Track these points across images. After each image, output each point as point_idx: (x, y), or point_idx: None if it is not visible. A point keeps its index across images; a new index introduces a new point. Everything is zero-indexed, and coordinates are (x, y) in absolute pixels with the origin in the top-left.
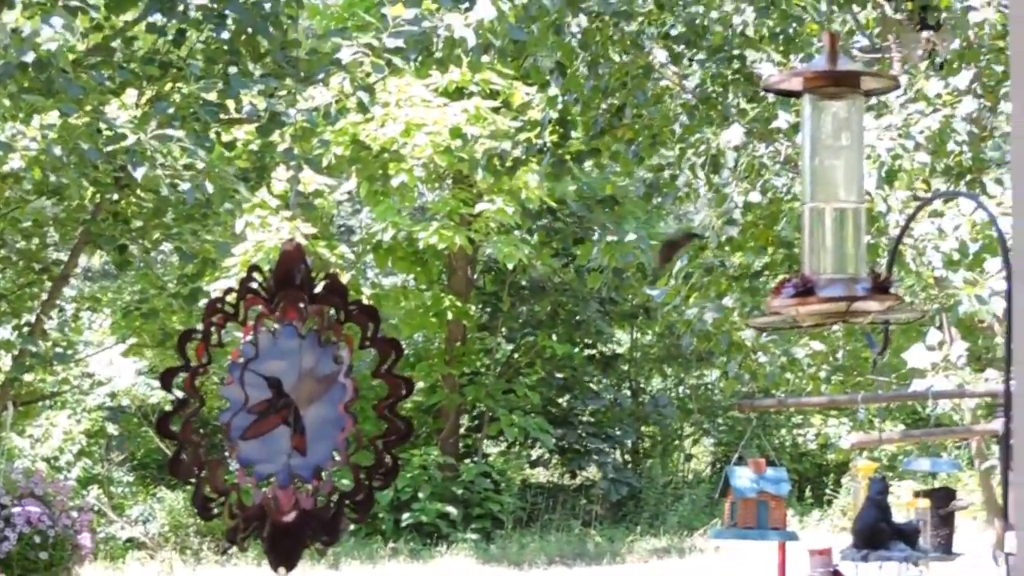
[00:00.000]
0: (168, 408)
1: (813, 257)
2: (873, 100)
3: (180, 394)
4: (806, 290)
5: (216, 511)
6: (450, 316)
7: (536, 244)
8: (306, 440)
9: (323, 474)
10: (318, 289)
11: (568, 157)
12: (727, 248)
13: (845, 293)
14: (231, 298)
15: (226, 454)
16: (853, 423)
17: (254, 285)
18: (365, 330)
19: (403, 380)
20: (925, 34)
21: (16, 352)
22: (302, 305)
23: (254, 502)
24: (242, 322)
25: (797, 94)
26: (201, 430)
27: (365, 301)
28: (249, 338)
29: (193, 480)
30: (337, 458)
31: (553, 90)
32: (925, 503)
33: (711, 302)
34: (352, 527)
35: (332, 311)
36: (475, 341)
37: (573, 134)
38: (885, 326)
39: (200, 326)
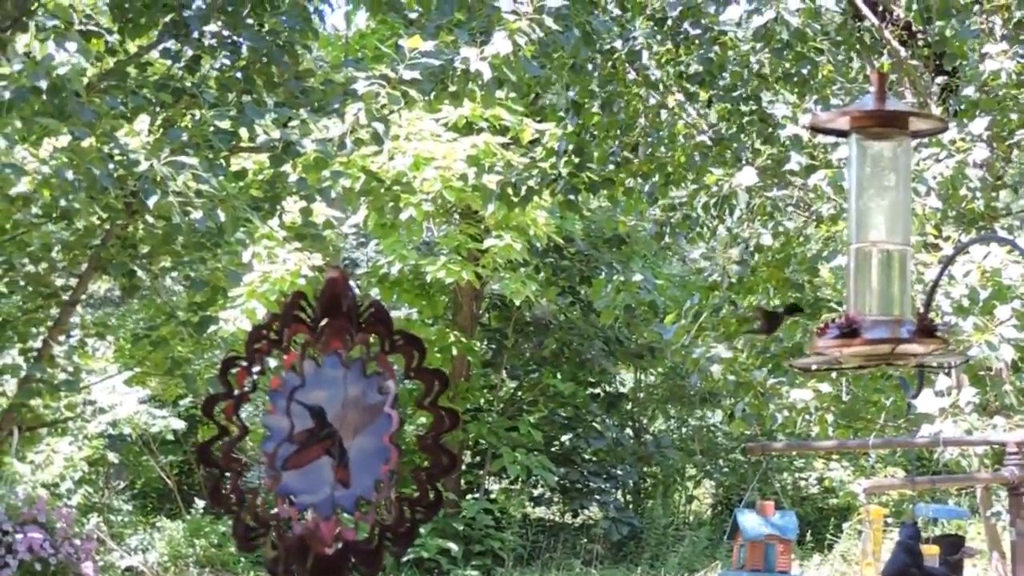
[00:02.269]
0: (208, 436)
1: (858, 298)
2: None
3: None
4: (851, 331)
5: (257, 542)
6: (455, 351)
7: (542, 281)
8: (349, 471)
9: (366, 506)
10: (363, 318)
11: (582, 187)
12: (738, 289)
13: (890, 335)
14: (275, 325)
15: (264, 484)
16: (855, 468)
17: (299, 313)
18: (410, 360)
19: (448, 412)
20: (940, 80)
21: (22, 377)
22: (347, 334)
23: (295, 533)
24: (285, 350)
25: (844, 133)
26: (239, 459)
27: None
28: (293, 366)
29: (233, 510)
30: (381, 490)
31: (568, 126)
32: (934, 550)
33: (720, 342)
34: None
35: (376, 340)
36: (479, 377)
37: (588, 165)
38: (920, 370)
39: (243, 353)
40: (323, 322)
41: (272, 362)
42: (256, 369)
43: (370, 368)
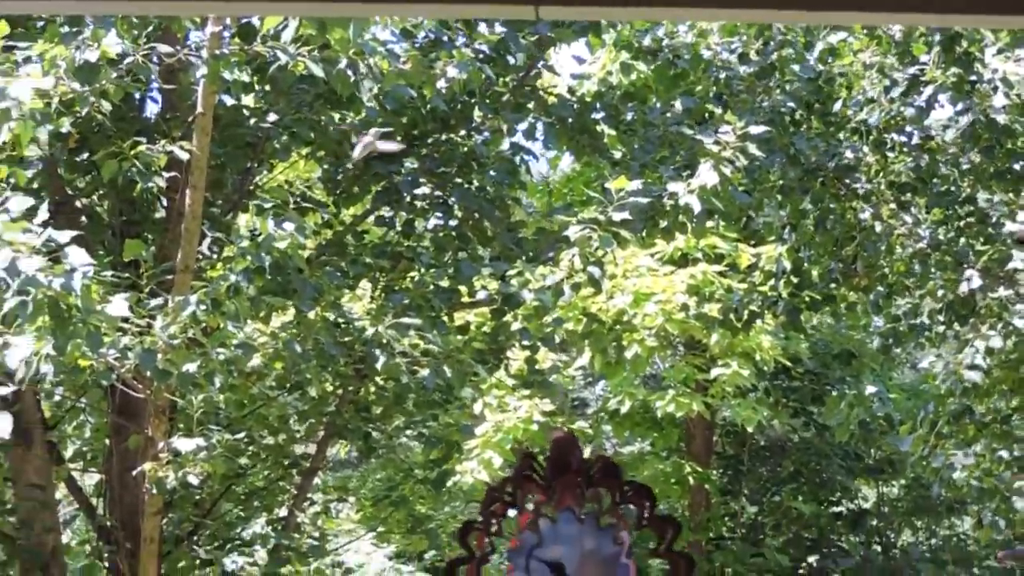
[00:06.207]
0: None
1: None
2: None
3: None
4: None
5: None
6: (692, 482)
7: (772, 404)
8: None
9: None
10: (593, 473)
11: (803, 307)
12: (972, 395)
13: None
14: (508, 487)
15: None
16: None
17: (531, 473)
18: (642, 510)
19: (684, 557)
20: None
21: (271, 546)
22: (579, 490)
23: None
24: (520, 510)
25: None
26: None
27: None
28: (530, 525)
29: None
30: None
31: (786, 244)
32: None
33: (960, 449)
34: None
35: (607, 493)
36: (719, 506)
37: (807, 284)
38: None
39: (480, 516)
40: (555, 480)
41: (511, 513)
42: (494, 530)
43: (603, 521)
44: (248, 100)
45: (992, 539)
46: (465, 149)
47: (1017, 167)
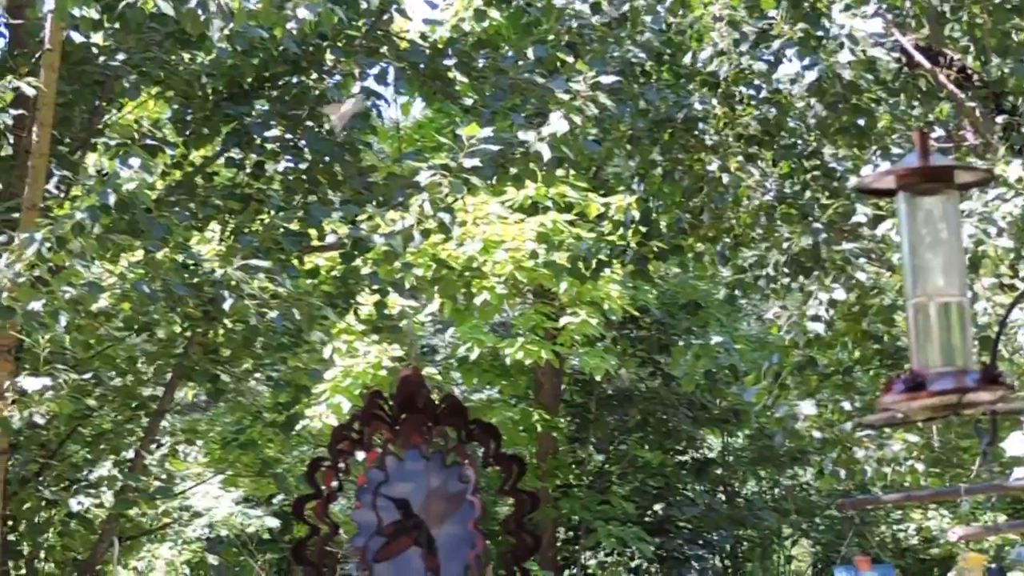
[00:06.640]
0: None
1: (921, 352)
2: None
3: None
4: (916, 385)
5: None
6: (539, 429)
7: (620, 354)
8: (438, 559)
9: None
10: (440, 411)
11: (651, 256)
12: (815, 346)
13: (955, 386)
14: (356, 425)
15: None
16: (955, 515)
17: (378, 411)
18: (487, 448)
19: (528, 495)
20: (1001, 119)
21: (118, 488)
22: (425, 428)
23: None
24: (367, 447)
25: (891, 192)
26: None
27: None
28: (377, 462)
29: None
30: (471, 575)
31: (634, 194)
32: None
33: (802, 400)
34: None
35: (454, 431)
36: (567, 453)
37: (655, 234)
38: (993, 416)
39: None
40: (401, 418)
41: (360, 456)
42: (341, 467)
43: (450, 459)
44: (97, 38)
45: (833, 488)
46: (317, 92)
47: (861, 122)
